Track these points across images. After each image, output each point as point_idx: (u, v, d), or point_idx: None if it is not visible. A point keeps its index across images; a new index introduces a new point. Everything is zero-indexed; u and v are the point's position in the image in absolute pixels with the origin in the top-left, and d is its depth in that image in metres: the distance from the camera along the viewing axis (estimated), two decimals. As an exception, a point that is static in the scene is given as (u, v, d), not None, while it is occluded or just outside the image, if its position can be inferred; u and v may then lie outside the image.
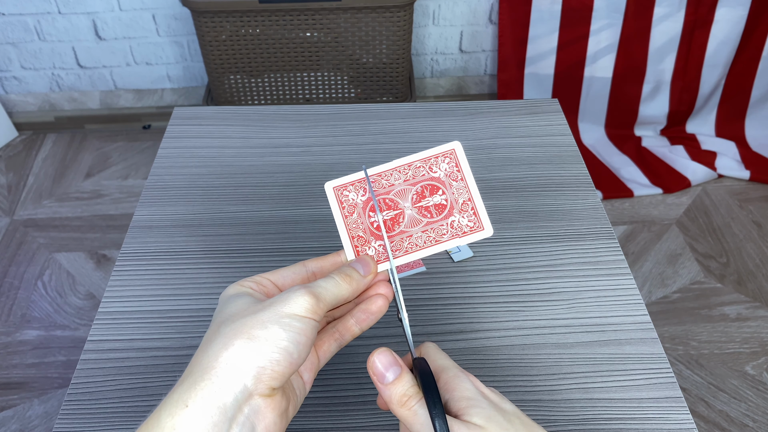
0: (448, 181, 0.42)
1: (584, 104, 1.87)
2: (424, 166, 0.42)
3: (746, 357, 1.33)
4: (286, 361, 0.34)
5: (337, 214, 0.42)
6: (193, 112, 0.79)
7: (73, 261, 1.54)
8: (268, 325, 0.34)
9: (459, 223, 0.42)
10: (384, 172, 0.42)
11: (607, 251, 0.62)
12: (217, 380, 0.32)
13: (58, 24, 1.73)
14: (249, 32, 1.53)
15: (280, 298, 0.36)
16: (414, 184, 0.42)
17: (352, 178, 0.42)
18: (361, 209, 0.42)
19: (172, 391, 0.33)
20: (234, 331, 0.34)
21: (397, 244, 0.41)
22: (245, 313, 0.35)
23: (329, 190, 0.42)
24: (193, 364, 0.34)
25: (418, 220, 0.42)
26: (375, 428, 0.49)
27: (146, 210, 0.66)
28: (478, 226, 0.42)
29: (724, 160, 1.79)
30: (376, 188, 0.42)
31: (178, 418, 0.32)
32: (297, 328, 0.35)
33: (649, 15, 1.70)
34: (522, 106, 0.80)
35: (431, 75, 1.93)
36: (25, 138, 1.93)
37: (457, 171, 0.42)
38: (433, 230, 0.42)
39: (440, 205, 0.42)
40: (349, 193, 0.42)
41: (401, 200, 0.42)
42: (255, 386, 0.33)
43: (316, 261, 0.42)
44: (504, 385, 0.51)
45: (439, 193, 0.42)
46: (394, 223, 0.42)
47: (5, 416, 1.24)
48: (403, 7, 1.51)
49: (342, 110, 0.80)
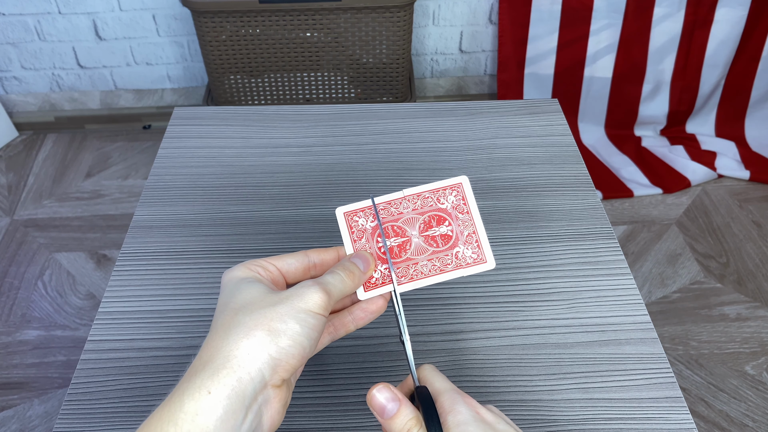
0: (455, 213, 0.44)
1: (584, 104, 1.87)
2: (432, 197, 0.44)
3: (746, 357, 1.33)
4: (300, 355, 0.36)
5: (346, 239, 0.44)
6: (193, 112, 0.79)
7: (74, 261, 1.54)
8: (287, 320, 0.36)
9: (463, 254, 0.43)
10: (394, 201, 0.44)
11: (607, 251, 0.62)
12: (240, 370, 0.34)
13: (58, 24, 1.73)
14: (249, 32, 1.53)
15: (295, 292, 0.37)
16: (422, 214, 0.44)
17: (362, 204, 0.44)
18: (369, 235, 0.44)
19: (193, 374, 0.34)
20: (254, 321, 0.35)
21: (402, 271, 0.43)
22: (263, 304, 0.36)
23: (340, 216, 0.44)
24: (213, 349, 0.35)
25: (424, 249, 0.43)
26: (375, 428, 0.49)
27: (146, 210, 0.66)
28: (481, 258, 0.43)
29: (724, 160, 1.79)
30: (386, 215, 0.44)
31: (201, 403, 0.32)
32: (311, 324, 0.36)
33: (649, 15, 1.70)
34: (522, 106, 0.80)
35: (431, 75, 1.93)
36: (25, 138, 1.93)
37: (463, 204, 0.44)
38: (438, 259, 0.43)
39: (446, 235, 0.44)
40: (359, 219, 0.44)
41: (409, 228, 0.44)
42: (271, 377, 0.35)
43: (317, 252, 0.43)
44: (504, 385, 0.51)
45: (446, 224, 0.44)
46: (401, 250, 0.43)
47: (5, 416, 1.25)
48: (403, 7, 1.51)
49: (342, 110, 0.80)
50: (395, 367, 0.53)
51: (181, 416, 0.32)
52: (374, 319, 0.43)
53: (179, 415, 0.32)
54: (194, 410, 0.32)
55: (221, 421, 0.32)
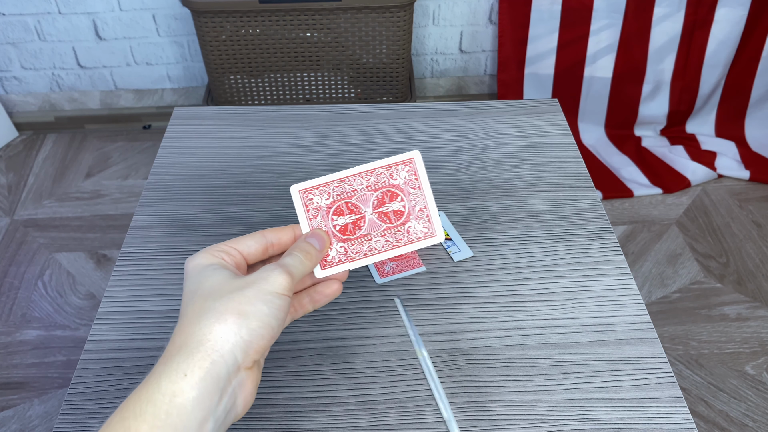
0: (407, 189, 0.45)
1: (584, 104, 1.87)
2: (385, 173, 0.45)
3: (746, 357, 1.33)
4: (269, 335, 0.37)
5: (301, 216, 0.44)
6: (193, 112, 0.80)
7: (74, 261, 1.54)
8: (255, 302, 0.37)
9: (414, 229, 0.45)
10: (347, 177, 0.45)
11: (607, 251, 0.62)
12: (213, 353, 0.35)
13: (58, 24, 1.73)
14: (249, 32, 1.53)
15: (261, 276, 0.39)
16: (375, 190, 0.45)
17: (317, 182, 0.44)
18: (324, 212, 0.44)
19: (167, 358, 0.35)
20: (224, 306, 0.37)
21: (357, 247, 0.44)
22: (230, 289, 0.38)
23: (295, 194, 0.44)
24: (186, 335, 0.36)
25: (377, 225, 0.45)
26: (374, 428, 0.49)
27: (146, 210, 0.66)
28: (430, 232, 0.45)
29: (724, 160, 1.79)
30: (340, 192, 0.45)
31: (177, 385, 0.34)
32: (278, 305, 0.38)
33: (649, 15, 1.70)
34: (522, 106, 0.80)
35: (431, 75, 1.93)
36: (25, 138, 1.93)
37: (415, 179, 0.45)
38: (391, 235, 0.45)
39: (398, 211, 0.45)
40: (314, 197, 0.45)
41: (363, 205, 0.45)
42: (243, 360, 0.36)
43: (274, 232, 0.44)
44: (504, 385, 0.51)
45: (398, 199, 0.45)
46: (355, 227, 0.45)
47: (5, 416, 1.25)
48: (403, 7, 1.51)
49: (342, 110, 0.80)
50: (395, 367, 0.53)
51: (159, 397, 0.33)
52: (330, 301, 0.45)
53: (157, 396, 0.33)
54: (171, 391, 0.33)
55: (197, 402, 0.34)
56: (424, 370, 0.45)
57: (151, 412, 0.33)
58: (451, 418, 0.42)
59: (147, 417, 0.33)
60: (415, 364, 0.53)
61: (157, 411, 0.33)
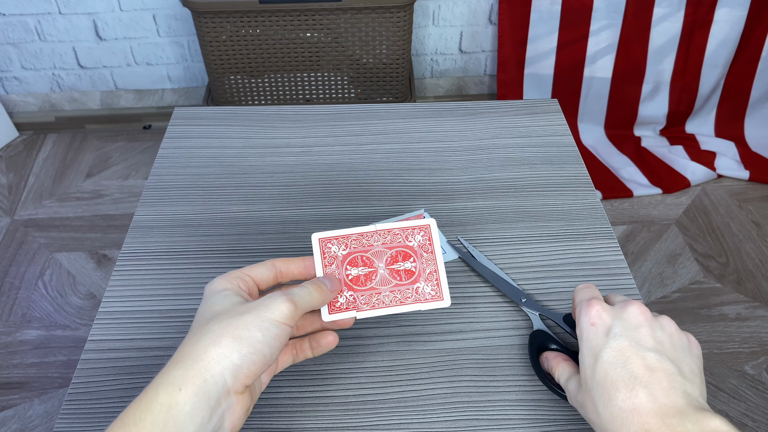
0: (420, 252, 0.48)
1: (584, 104, 1.87)
2: (401, 235, 0.48)
3: (745, 357, 1.33)
4: (260, 362, 0.39)
5: (318, 262, 0.47)
6: (194, 112, 0.80)
7: (74, 261, 1.54)
8: (251, 328, 0.39)
9: (423, 290, 0.47)
10: (366, 233, 0.48)
11: (607, 251, 0.62)
12: (206, 372, 0.37)
13: (58, 24, 1.73)
14: (249, 32, 1.54)
15: (263, 302, 0.41)
16: (390, 248, 0.48)
17: (338, 233, 0.48)
18: (339, 262, 0.47)
19: (166, 371, 0.38)
20: (222, 329, 0.39)
21: (366, 298, 0.47)
22: (232, 313, 0.40)
23: (315, 241, 0.48)
24: (185, 352, 0.39)
25: (388, 281, 0.47)
26: (374, 428, 0.49)
27: (147, 210, 0.67)
28: (438, 296, 0.47)
29: (724, 160, 1.79)
30: (357, 246, 0.48)
31: (173, 397, 0.36)
32: (274, 333, 0.40)
33: (649, 15, 1.70)
34: (522, 107, 0.80)
35: (431, 75, 1.93)
36: (25, 138, 1.93)
37: (428, 244, 0.48)
38: (399, 292, 0.47)
39: (409, 271, 0.48)
40: (332, 246, 0.48)
41: (376, 260, 0.48)
42: (233, 384, 0.38)
43: (284, 262, 0.47)
44: (504, 385, 0.52)
45: (410, 260, 0.48)
46: (367, 279, 0.47)
47: (6, 416, 1.25)
48: (403, 8, 1.51)
49: (342, 110, 0.80)
50: (395, 367, 0.53)
51: (156, 407, 0.36)
52: (327, 351, 0.47)
53: (155, 405, 0.36)
54: (168, 403, 0.36)
55: (190, 416, 0.36)
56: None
57: (150, 420, 0.35)
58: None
59: (146, 425, 0.35)
60: (415, 364, 0.53)
61: (155, 420, 0.36)
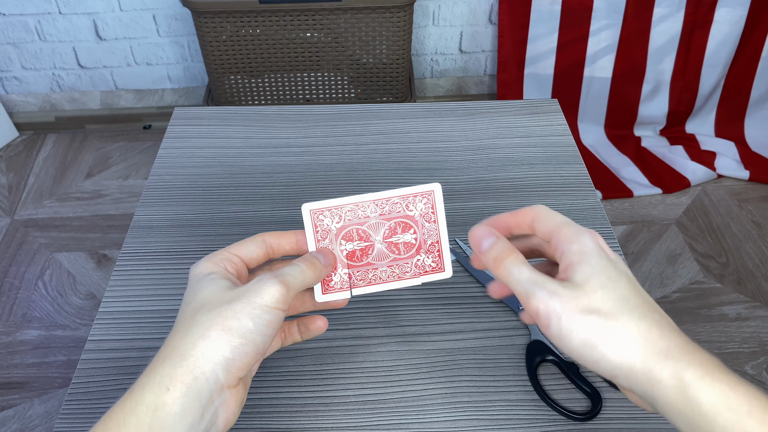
0: (421, 222, 0.44)
1: (584, 104, 1.87)
2: (401, 203, 0.43)
3: (745, 357, 1.33)
4: (253, 353, 0.36)
5: (310, 236, 0.43)
6: (194, 112, 0.80)
7: (74, 261, 1.54)
8: (241, 317, 0.36)
9: (423, 263, 0.44)
10: (361, 203, 0.43)
11: (607, 251, 0.62)
12: (196, 369, 0.35)
13: (58, 24, 1.73)
14: (249, 32, 1.54)
15: (253, 287, 0.38)
16: (388, 220, 0.43)
17: (331, 203, 0.43)
18: (333, 236, 0.43)
19: (152, 369, 0.35)
20: (210, 321, 0.36)
21: (362, 274, 0.44)
22: (220, 302, 0.37)
23: (306, 212, 0.43)
24: (172, 347, 0.36)
25: (385, 255, 0.44)
26: (374, 428, 0.49)
27: (147, 210, 0.67)
28: (439, 267, 0.44)
29: (724, 160, 1.79)
30: (352, 218, 0.43)
31: (160, 398, 0.34)
32: (266, 320, 0.37)
33: (649, 15, 1.70)
34: (522, 107, 0.80)
35: (431, 75, 1.93)
36: (25, 138, 1.93)
37: (431, 213, 0.44)
38: (398, 266, 0.44)
39: (409, 243, 0.44)
40: (325, 219, 0.43)
41: (373, 233, 0.43)
42: (226, 378, 0.35)
43: (274, 236, 0.43)
44: (504, 385, 0.52)
45: (411, 231, 0.44)
46: (363, 254, 0.43)
47: (6, 416, 1.25)
48: (403, 8, 1.51)
49: (342, 110, 0.80)
50: (395, 367, 0.53)
51: (142, 409, 0.33)
52: (316, 336, 0.44)
53: (140, 407, 0.33)
54: (154, 405, 0.33)
55: (179, 417, 0.34)
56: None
57: (134, 423, 0.33)
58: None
59: (130, 429, 0.33)
60: (415, 364, 0.53)
61: (140, 423, 0.33)
